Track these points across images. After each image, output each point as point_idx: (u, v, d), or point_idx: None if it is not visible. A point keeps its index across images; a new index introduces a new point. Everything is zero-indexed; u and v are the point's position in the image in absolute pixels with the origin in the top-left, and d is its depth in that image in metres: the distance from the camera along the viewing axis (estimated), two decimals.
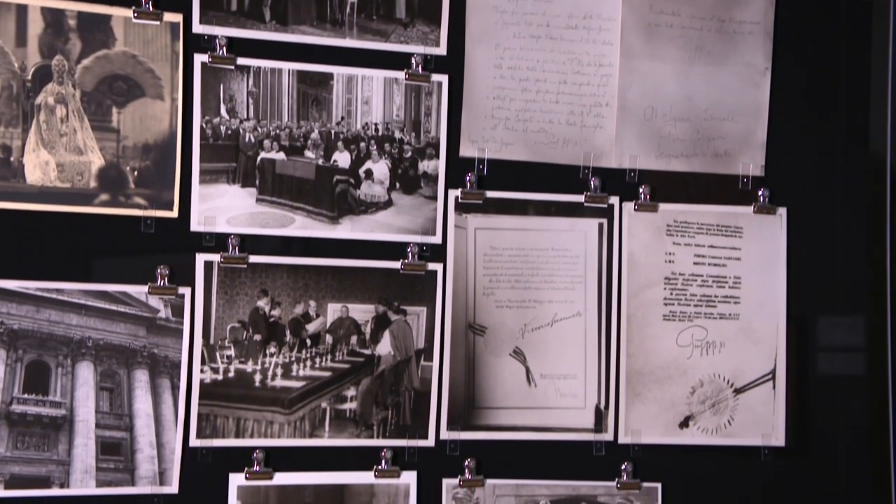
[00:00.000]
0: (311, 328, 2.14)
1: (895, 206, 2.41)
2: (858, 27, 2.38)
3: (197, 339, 2.07)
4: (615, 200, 2.26)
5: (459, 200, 2.19)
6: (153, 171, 2.04)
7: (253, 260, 2.10)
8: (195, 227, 2.07)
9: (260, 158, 2.11)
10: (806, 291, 2.33)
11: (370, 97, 2.15)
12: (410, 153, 2.18)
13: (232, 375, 2.09)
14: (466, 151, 2.20)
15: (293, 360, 2.13)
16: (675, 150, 2.27)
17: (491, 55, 2.20)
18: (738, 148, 2.30)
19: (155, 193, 2.04)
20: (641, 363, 2.26)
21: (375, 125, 2.16)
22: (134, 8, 2.03)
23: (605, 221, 2.26)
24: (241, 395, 2.09)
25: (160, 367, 2.06)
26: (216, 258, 2.08)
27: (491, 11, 2.19)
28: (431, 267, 2.18)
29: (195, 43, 2.07)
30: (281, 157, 2.12)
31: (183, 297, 2.06)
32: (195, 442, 2.06)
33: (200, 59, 2.07)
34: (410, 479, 2.16)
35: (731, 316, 2.30)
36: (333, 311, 2.15)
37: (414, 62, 2.16)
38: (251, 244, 2.10)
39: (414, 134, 2.17)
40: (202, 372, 2.07)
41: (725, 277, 2.30)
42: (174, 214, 2.05)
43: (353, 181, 2.15)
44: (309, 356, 2.13)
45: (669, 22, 2.27)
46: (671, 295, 2.28)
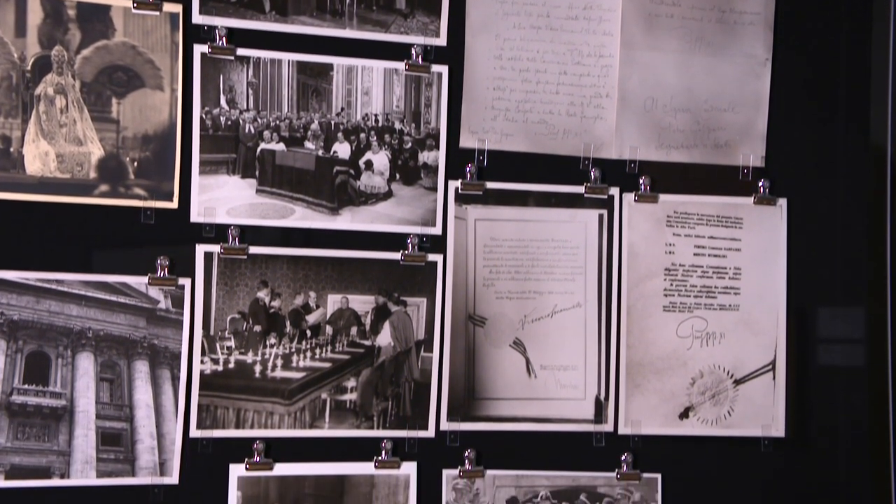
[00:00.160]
0: (311, 319, 2.14)
1: None
2: (859, 18, 2.38)
3: (197, 329, 2.07)
4: (615, 191, 2.26)
5: (459, 191, 2.19)
6: (153, 161, 2.04)
7: (253, 251, 2.10)
8: (195, 217, 2.06)
9: (260, 149, 2.11)
10: (806, 282, 2.33)
11: (370, 88, 2.15)
12: (410, 144, 2.17)
13: (232, 366, 2.09)
14: (466, 142, 2.20)
15: (293, 351, 2.12)
16: (675, 140, 2.27)
17: (491, 46, 2.19)
18: (738, 139, 2.29)
19: (155, 184, 2.04)
20: (641, 354, 2.26)
21: (375, 116, 2.16)
22: None
23: (605, 212, 2.25)
24: (241, 385, 2.09)
25: (160, 357, 2.06)
26: (216, 249, 2.07)
27: (491, 2, 2.19)
28: (431, 258, 2.18)
29: (195, 33, 2.06)
30: (281, 147, 2.12)
31: (183, 288, 2.06)
32: (195, 433, 2.06)
33: (200, 49, 2.06)
34: (410, 469, 2.16)
35: (731, 307, 2.29)
36: (333, 302, 2.15)
37: (414, 53, 2.16)
38: (251, 235, 2.10)
39: (414, 125, 2.17)
40: (202, 363, 2.07)
41: (725, 268, 2.29)
42: (174, 205, 2.05)
43: (353, 172, 2.15)
44: (309, 347, 2.13)
45: (670, 13, 2.26)
46: (671, 286, 2.27)
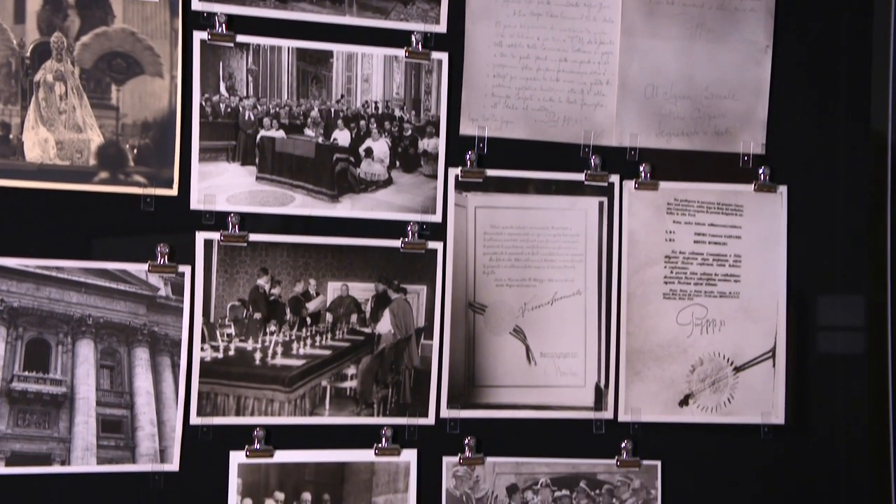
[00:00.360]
0: (311, 307, 2.14)
1: None
2: (860, 5, 2.37)
3: (197, 317, 2.07)
4: (615, 179, 2.25)
5: (459, 179, 2.19)
6: (152, 148, 2.04)
7: (253, 238, 2.10)
8: (195, 205, 2.06)
9: (259, 136, 2.11)
10: (806, 270, 2.33)
11: (370, 75, 2.15)
12: (410, 131, 2.17)
13: (232, 354, 2.09)
14: (466, 130, 2.19)
15: (293, 338, 2.12)
16: (675, 128, 2.27)
17: (491, 33, 2.19)
18: (738, 126, 2.29)
19: (154, 171, 2.04)
20: (641, 341, 2.26)
21: (375, 103, 2.15)
22: None
23: (605, 200, 2.25)
24: (241, 373, 2.09)
25: (160, 345, 2.06)
26: (216, 236, 2.07)
27: None
28: (431, 245, 2.17)
29: (194, 20, 2.06)
30: (280, 135, 2.12)
31: (183, 275, 2.06)
32: (196, 420, 2.06)
33: (200, 36, 2.06)
34: (411, 457, 2.16)
35: (731, 294, 2.29)
36: (333, 289, 2.15)
37: (414, 40, 2.15)
38: (251, 222, 2.10)
39: (414, 112, 2.17)
40: (202, 350, 2.07)
41: (725, 256, 2.29)
42: (174, 192, 2.05)
43: (352, 159, 2.15)
44: (309, 334, 2.13)
45: None
46: (671, 273, 2.27)
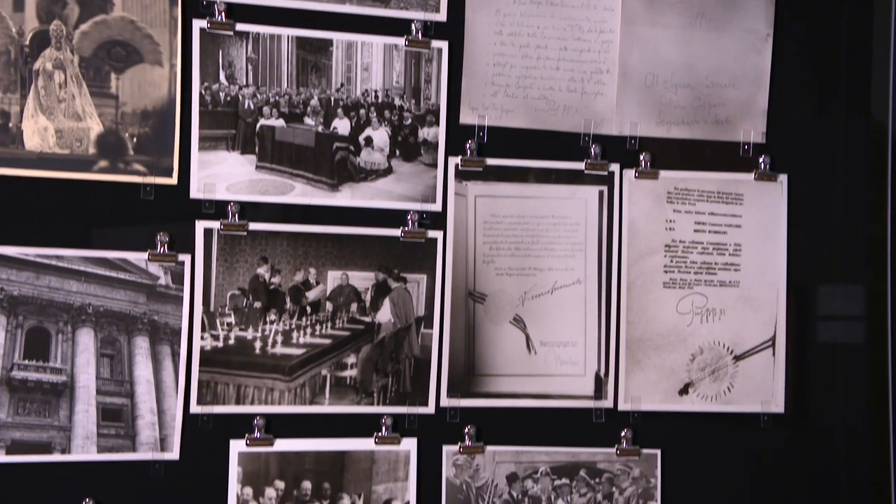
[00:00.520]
0: (311, 295, 2.14)
1: None
2: None
3: (197, 306, 2.07)
4: (615, 168, 2.25)
5: (459, 168, 2.19)
6: (152, 137, 2.03)
7: (253, 227, 2.09)
8: (195, 194, 2.06)
9: (259, 125, 2.10)
10: (806, 259, 2.32)
11: (370, 64, 2.14)
12: (410, 120, 2.17)
13: (232, 342, 2.09)
14: (466, 118, 2.19)
15: (293, 327, 2.12)
16: (675, 116, 2.26)
17: (491, 21, 2.18)
18: (739, 115, 2.29)
19: (154, 160, 2.04)
20: (641, 330, 2.26)
21: (375, 92, 2.15)
22: None
23: (605, 189, 2.25)
24: (241, 362, 2.09)
25: (160, 333, 2.06)
26: (216, 225, 2.07)
27: None
28: (431, 234, 2.17)
29: (194, 8, 2.05)
30: (280, 123, 2.11)
31: (183, 264, 2.06)
32: (196, 408, 2.06)
33: (199, 24, 2.05)
34: (411, 445, 2.17)
35: (731, 283, 2.29)
36: (333, 278, 2.15)
37: (414, 28, 2.15)
38: (251, 211, 2.10)
39: (414, 101, 2.16)
40: (202, 339, 2.07)
41: (726, 245, 2.29)
42: (173, 181, 2.05)
43: (352, 148, 2.14)
44: (309, 323, 2.13)
45: None
46: (671, 262, 2.27)
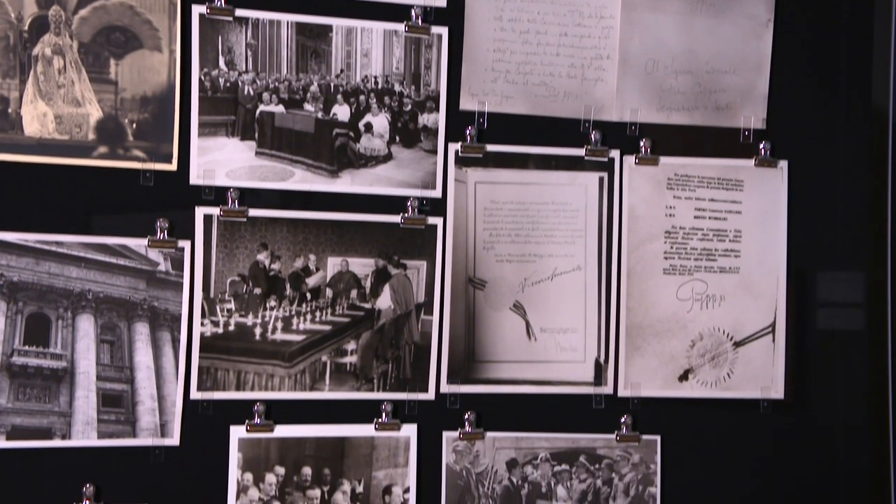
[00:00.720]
0: (311, 282, 2.14)
1: None
2: None
3: (197, 292, 2.07)
4: (616, 154, 2.25)
5: (459, 154, 2.18)
6: (152, 123, 2.03)
7: (252, 213, 2.09)
8: (194, 180, 2.06)
9: (259, 111, 2.10)
10: (806, 245, 2.32)
11: (370, 50, 2.14)
12: (410, 106, 2.16)
13: (232, 329, 2.09)
14: (466, 105, 2.19)
15: (293, 313, 2.12)
16: (676, 103, 2.26)
17: (491, 7, 2.18)
18: (739, 101, 2.28)
19: (154, 146, 2.03)
20: (641, 317, 2.26)
21: (375, 78, 2.15)
22: None
23: (605, 175, 2.25)
24: (241, 348, 2.09)
25: (160, 319, 2.06)
26: (216, 211, 2.07)
27: None
28: (431, 221, 2.17)
29: None
30: (280, 109, 2.11)
31: (182, 250, 2.06)
32: (196, 394, 2.07)
33: (198, 10, 2.05)
34: (411, 431, 2.17)
35: (731, 269, 2.29)
36: (333, 264, 2.14)
37: (414, 14, 2.14)
38: (250, 198, 2.09)
39: (414, 87, 2.16)
40: (202, 325, 2.07)
41: (726, 231, 2.29)
42: (173, 167, 2.05)
43: (352, 134, 2.14)
44: (309, 310, 2.13)
45: None
46: (671, 249, 2.27)
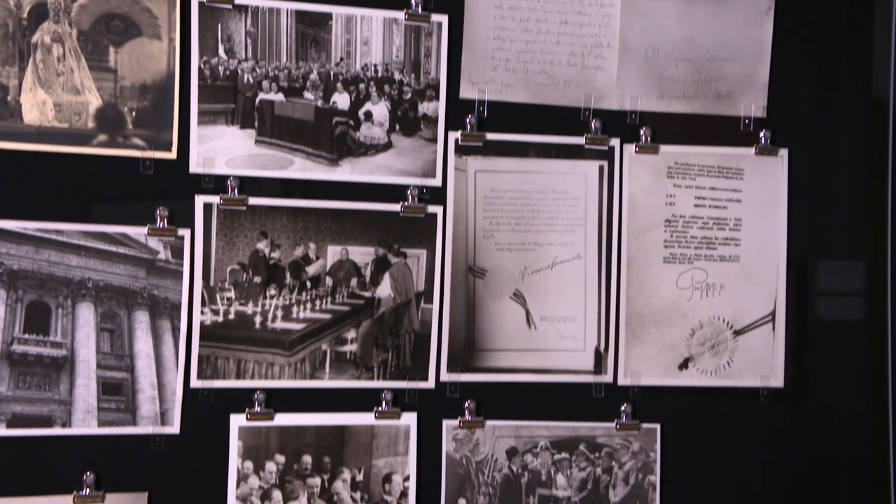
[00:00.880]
0: (311, 270, 2.14)
1: None
2: None
3: (197, 280, 2.07)
4: (616, 142, 2.25)
5: (459, 142, 2.18)
6: (151, 111, 2.03)
7: (252, 202, 2.09)
8: (194, 168, 2.06)
9: (259, 99, 2.10)
10: (807, 234, 2.32)
11: (369, 38, 2.13)
12: (410, 95, 2.16)
13: (232, 317, 2.09)
14: (466, 93, 2.18)
15: (293, 302, 2.12)
16: (676, 91, 2.26)
17: None
18: (739, 89, 2.28)
19: (153, 134, 2.03)
20: (641, 305, 2.26)
21: (375, 66, 2.14)
22: None
23: (605, 163, 2.25)
24: (241, 336, 2.09)
25: (160, 308, 2.06)
26: (215, 200, 2.07)
27: None
28: (431, 209, 2.17)
29: None
30: (280, 98, 2.11)
31: (182, 238, 2.06)
32: (196, 383, 2.07)
33: None
34: (411, 420, 2.17)
35: (731, 258, 2.29)
36: (333, 253, 2.14)
37: (413, 2, 2.14)
38: (250, 186, 2.09)
39: (413, 75, 2.16)
40: (202, 313, 2.07)
41: (726, 219, 2.29)
42: (173, 156, 2.04)
43: (352, 123, 2.14)
44: (309, 298, 2.13)
45: None
46: (671, 237, 2.27)
